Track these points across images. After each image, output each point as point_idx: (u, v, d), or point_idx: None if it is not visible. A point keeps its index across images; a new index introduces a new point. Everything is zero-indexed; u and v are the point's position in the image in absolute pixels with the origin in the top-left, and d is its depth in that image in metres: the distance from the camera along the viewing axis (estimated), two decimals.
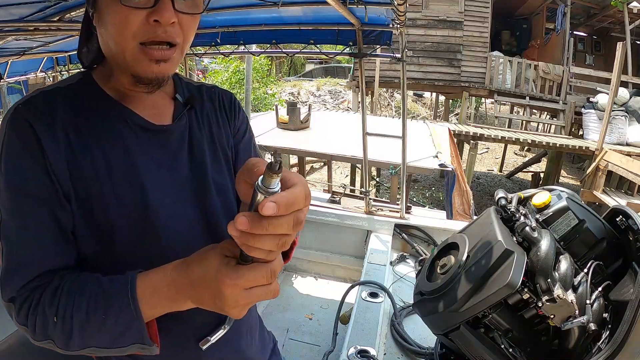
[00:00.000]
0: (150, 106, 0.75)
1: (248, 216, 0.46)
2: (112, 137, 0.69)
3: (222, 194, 0.80)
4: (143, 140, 0.72)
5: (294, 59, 19.82)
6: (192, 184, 0.76)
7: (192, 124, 0.80)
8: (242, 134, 0.90)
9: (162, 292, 0.61)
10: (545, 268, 0.89)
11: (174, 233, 0.72)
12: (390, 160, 5.10)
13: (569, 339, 0.93)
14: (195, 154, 0.78)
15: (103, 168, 0.67)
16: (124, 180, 0.68)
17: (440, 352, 1.24)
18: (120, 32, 0.63)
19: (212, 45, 2.81)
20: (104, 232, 0.67)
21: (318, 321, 2.39)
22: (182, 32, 0.66)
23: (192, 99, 0.81)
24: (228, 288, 0.53)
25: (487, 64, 10.08)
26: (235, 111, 0.89)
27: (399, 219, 2.51)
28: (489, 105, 15.36)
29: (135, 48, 0.64)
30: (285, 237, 0.49)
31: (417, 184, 10.23)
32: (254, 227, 0.46)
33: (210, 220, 0.77)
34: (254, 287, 0.54)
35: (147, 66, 0.65)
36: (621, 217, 1.03)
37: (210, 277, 0.55)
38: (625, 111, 8.64)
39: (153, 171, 0.72)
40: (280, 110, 7.48)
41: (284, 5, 2.05)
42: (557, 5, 10.33)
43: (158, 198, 0.71)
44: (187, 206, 0.75)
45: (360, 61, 2.43)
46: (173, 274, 0.60)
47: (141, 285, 0.61)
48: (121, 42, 0.64)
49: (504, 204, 1.08)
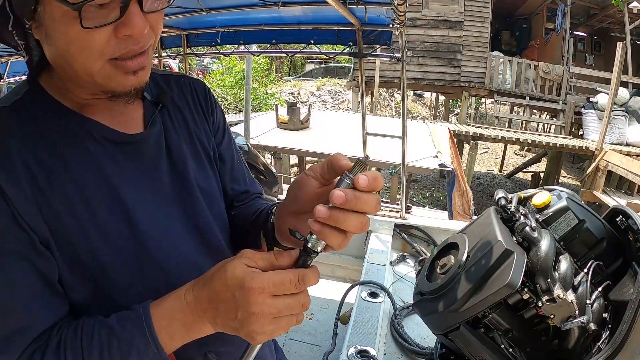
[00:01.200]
0: (116, 113, 0.65)
1: (343, 191, 0.49)
2: (81, 160, 0.59)
3: (210, 200, 0.74)
4: (116, 156, 0.63)
5: (294, 59, 19.83)
6: (177, 196, 0.69)
7: (167, 126, 0.71)
8: (221, 133, 0.82)
9: (178, 318, 0.55)
10: (545, 268, 0.89)
11: (173, 254, 0.66)
12: (390, 160, 5.11)
13: (569, 339, 0.93)
14: (175, 161, 0.70)
15: (79, 201, 0.57)
16: (106, 212, 0.59)
17: (440, 352, 1.24)
18: (83, 53, 0.52)
19: (212, 45, 2.81)
20: (94, 274, 0.58)
21: (318, 321, 2.39)
22: (153, 33, 0.57)
23: (163, 96, 0.71)
24: (254, 293, 0.50)
25: (487, 64, 10.08)
26: (212, 105, 0.80)
27: (399, 219, 2.51)
28: (489, 105, 15.35)
29: (105, 66, 0.54)
30: (365, 216, 0.52)
31: (417, 184, 10.23)
32: (349, 201, 0.49)
33: (204, 230, 0.72)
34: (281, 296, 0.51)
35: (123, 80, 0.56)
36: (621, 217, 1.03)
37: (235, 286, 0.51)
38: (625, 111, 8.64)
39: (134, 192, 0.63)
40: (280, 110, 7.48)
41: (284, 5, 2.06)
42: (557, 5, 10.34)
43: (146, 222, 0.63)
44: (176, 221, 0.68)
45: (360, 61, 2.43)
46: (188, 296, 0.55)
47: (156, 317, 0.55)
48: (86, 62, 0.53)
49: (504, 204, 1.08)
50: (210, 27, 2.73)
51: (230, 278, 0.52)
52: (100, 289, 0.59)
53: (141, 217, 0.62)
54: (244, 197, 0.85)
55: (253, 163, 2.89)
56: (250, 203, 0.85)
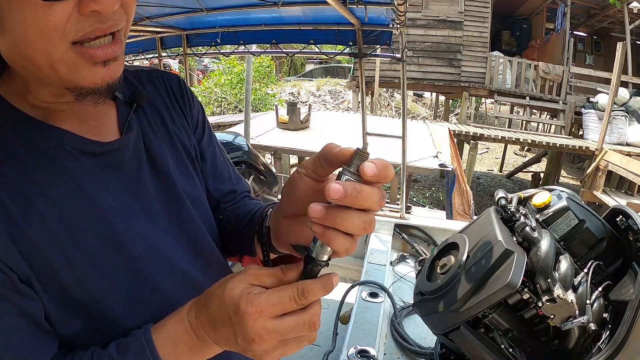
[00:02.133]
0: (86, 117, 0.57)
1: (340, 184, 0.41)
2: (55, 178, 0.51)
3: (199, 207, 0.68)
4: (93, 170, 0.55)
5: (294, 59, 19.83)
6: (165, 207, 0.63)
7: (144, 129, 0.64)
8: (201, 129, 0.75)
9: (184, 341, 0.50)
10: (545, 268, 0.89)
11: (167, 271, 0.60)
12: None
13: (569, 339, 0.93)
14: (158, 167, 0.63)
15: (59, 227, 0.50)
16: (91, 235, 0.53)
17: (440, 352, 1.24)
18: (41, 34, 0.43)
19: (212, 45, 2.81)
20: (86, 304, 0.52)
21: None
22: (124, 13, 0.49)
23: (137, 95, 0.63)
24: (250, 319, 0.44)
25: (487, 64, 10.08)
26: (189, 99, 0.73)
27: (399, 219, 2.51)
28: (489, 105, 15.35)
29: (68, 52, 0.45)
30: (369, 214, 0.44)
31: (417, 184, 10.23)
32: (349, 195, 0.41)
33: (197, 240, 0.66)
34: (284, 317, 0.46)
35: (92, 73, 0.48)
36: (621, 217, 1.03)
37: (231, 308, 0.46)
38: (625, 111, 8.64)
39: (119, 208, 0.56)
40: (280, 110, 7.48)
41: (284, 5, 2.06)
42: (557, 5, 10.34)
43: (136, 241, 0.57)
44: (167, 235, 0.62)
45: (360, 61, 2.43)
46: (191, 316, 0.51)
47: (160, 342, 0.50)
48: (45, 48, 0.45)
49: (504, 204, 1.08)
50: (211, 27, 2.74)
51: (228, 299, 0.47)
52: (94, 320, 0.53)
53: (130, 236, 0.57)
54: (230, 198, 0.78)
55: (253, 163, 2.89)
56: (240, 204, 0.78)
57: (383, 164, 0.43)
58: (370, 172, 0.42)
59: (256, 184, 2.86)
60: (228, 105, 11.93)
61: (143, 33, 2.97)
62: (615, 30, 11.28)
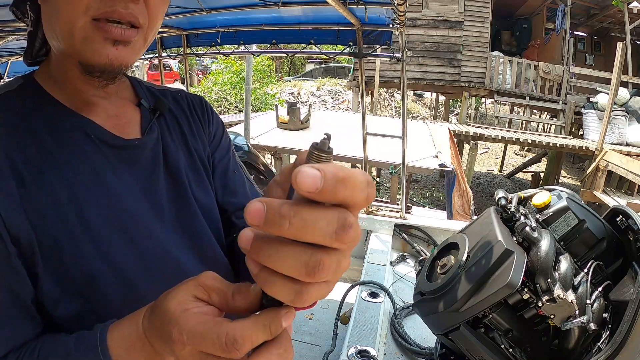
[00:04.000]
0: (112, 115, 0.61)
1: (264, 201, 0.29)
2: (73, 159, 0.54)
3: (209, 215, 0.68)
4: (112, 160, 0.58)
5: (294, 59, 19.83)
6: (174, 208, 0.64)
7: (164, 135, 0.67)
8: (218, 140, 0.77)
9: (137, 347, 0.44)
10: (545, 268, 0.89)
11: (171, 269, 0.59)
12: (390, 160, 5.11)
13: (569, 339, 0.93)
14: (173, 172, 0.65)
15: (67, 202, 0.52)
16: (98, 217, 0.53)
17: (440, 352, 1.24)
18: (68, 4, 0.50)
19: (212, 45, 2.81)
20: (82, 285, 0.52)
21: (318, 321, 2.39)
22: (147, 13, 0.53)
23: (160, 104, 0.68)
24: (176, 345, 0.37)
25: (487, 64, 10.08)
26: (209, 115, 0.76)
27: (399, 219, 2.51)
28: (489, 105, 15.36)
29: (87, 24, 0.50)
30: (316, 252, 0.29)
31: (417, 184, 10.23)
32: (270, 217, 0.28)
33: (201, 246, 0.65)
34: (209, 356, 0.36)
35: (101, 47, 0.51)
36: (621, 217, 1.03)
37: (164, 323, 0.39)
38: (625, 111, 8.64)
39: (130, 201, 0.58)
40: (280, 110, 7.48)
41: (284, 5, 2.06)
42: (557, 5, 10.34)
43: (143, 234, 0.57)
44: (174, 234, 0.62)
45: (360, 61, 2.43)
46: (145, 323, 0.43)
47: (114, 344, 0.45)
48: (69, 17, 0.50)
49: (504, 204, 1.08)
50: (210, 27, 2.74)
51: (164, 310, 0.40)
52: (88, 304, 0.52)
53: (137, 228, 0.57)
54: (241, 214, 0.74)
55: (253, 163, 2.90)
56: None
57: (336, 173, 0.27)
58: (305, 185, 0.26)
59: (256, 184, 2.86)
60: (228, 105, 11.94)
61: None
62: (615, 30, 11.28)
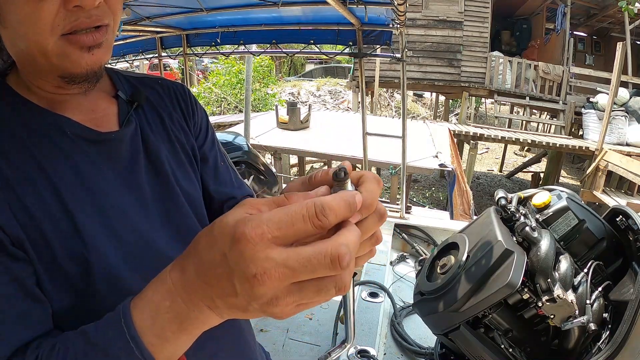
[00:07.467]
0: (88, 109, 0.61)
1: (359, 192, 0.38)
2: (53, 158, 0.54)
3: (194, 204, 0.68)
4: (91, 155, 0.58)
5: (294, 59, 19.83)
6: (158, 199, 0.64)
7: (143, 125, 0.66)
8: (205, 131, 0.76)
9: (165, 308, 0.40)
10: (545, 268, 0.89)
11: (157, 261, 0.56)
12: (390, 160, 5.11)
13: (569, 339, 0.93)
14: (154, 162, 0.65)
15: (53, 201, 0.52)
16: (82, 214, 0.54)
17: (440, 352, 1.24)
18: (33, 28, 0.49)
19: (212, 45, 2.81)
20: (74, 281, 0.52)
21: (318, 321, 2.39)
22: (110, 11, 0.54)
23: (137, 94, 0.67)
24: (249, 244, 0.32)
25: (487, 64, 10.08)
26: (192, 105, 0.75)
27: (398, 219, 2.51)
28: (489, 105, 15.36)
29: (58, 42, 0.51)
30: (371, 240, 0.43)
31: (417, 184, 10.23)
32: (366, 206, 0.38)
33: (187, 236, 0.64)
34: (296, 248, 0.33)
35: (78, 57, 0.52)
36: (621, 217, 1.03)
37: (225, 241, 0.34)
38: (625, 111, 8.64)
39: (112, 194, 0.58)
40: (280, 110, 7.49)
41: (284, 5, 2.06)
42: (557, 5, 10.34)
43: (127, 227, 0.58)
44: (159, 226, 0.62)
45: (360, 61, 2.43)
46: (173, 275, 0.40)
47: (138, 311, 0.41)
48: (37, 40, 0.50)
49: (504, 204, 1.08)
50: (210, 27, 2.74)
51: (219, 231, 0.35)
52: (80, 299, 0.52)
53: (120, 221, 0.57)
54: (233, 203, 0.77)
55: (253, 163, 2.90)
56: None
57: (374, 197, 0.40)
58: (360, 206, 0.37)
59: (256, 184, 2.87)
60: (228, 105, 11.93)
61: (143, 33, 2.97)
62: (615, 30, 11.28)
